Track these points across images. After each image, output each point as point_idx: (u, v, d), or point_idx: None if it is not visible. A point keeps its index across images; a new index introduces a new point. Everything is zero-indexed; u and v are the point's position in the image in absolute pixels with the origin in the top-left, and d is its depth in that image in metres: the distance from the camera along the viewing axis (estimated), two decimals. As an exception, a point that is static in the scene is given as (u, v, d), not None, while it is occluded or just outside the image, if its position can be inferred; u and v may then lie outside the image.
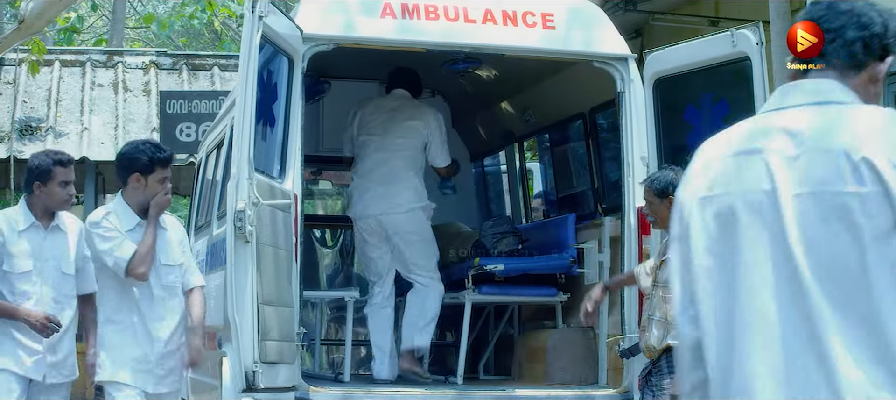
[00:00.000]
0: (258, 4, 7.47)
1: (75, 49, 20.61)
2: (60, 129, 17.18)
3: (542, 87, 10.60)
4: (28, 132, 16.98)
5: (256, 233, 7.49)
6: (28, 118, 17.29)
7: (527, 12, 9.00)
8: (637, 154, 8.84)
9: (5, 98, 17.56)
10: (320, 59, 9.03)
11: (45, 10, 14.06)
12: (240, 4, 23.89)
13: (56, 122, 17.29)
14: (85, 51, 19.93)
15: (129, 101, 18.13)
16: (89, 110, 17.70)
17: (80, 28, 25.67)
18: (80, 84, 18.33)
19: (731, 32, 8.36)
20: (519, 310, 10.66)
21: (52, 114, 17.46)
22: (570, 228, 9.97)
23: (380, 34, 8.83)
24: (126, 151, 7.43)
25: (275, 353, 7.69)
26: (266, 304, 7.61)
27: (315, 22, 8.62)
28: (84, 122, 17.34)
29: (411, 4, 8.83)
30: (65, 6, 14.43)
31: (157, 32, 27.97)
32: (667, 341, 7.67)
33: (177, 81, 18.52)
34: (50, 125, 17.18)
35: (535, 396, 9.18)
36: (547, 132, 11.56)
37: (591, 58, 9.11)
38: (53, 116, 17.41)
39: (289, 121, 8.26)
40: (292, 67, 8.31)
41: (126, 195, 7.31)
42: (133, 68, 18.85)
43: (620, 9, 15.99)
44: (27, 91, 17.86)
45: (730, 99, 8.60)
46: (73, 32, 24.55)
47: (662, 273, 7.83)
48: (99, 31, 29.93)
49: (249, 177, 7.44)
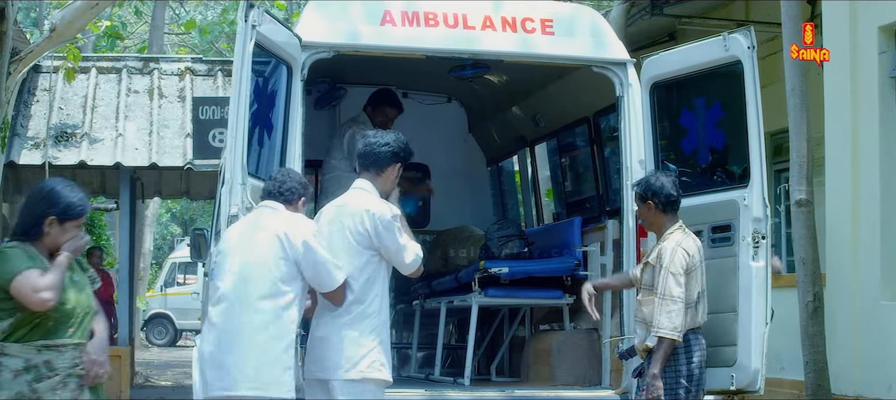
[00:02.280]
0: (251, 13, 7.59)
1: (112, 56, 20.90)
2: (95, 135, 17.45)
3: (548, 92, 10.69)
4: (63, 138, 17.25)
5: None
6: (63, 124, 17.55)
7: (526, 18, 9.09)
8: (635, 157, 8.92)
9: (41, 105, 17.84)
10: (336, 64, 9.16)
11: (76, 17, 14.31)
12: (280, 10, 24.13)
13: (91, 129, 17.56)
14: (121, 57, 20.22)
15: (163, 107, 18.37)
16: (124, 116, 17.96)
17: (124, 34, 25.98)
18: (115, 90, 18.60)
19: (723, 36, 8.42)
20: (531, 312, 10.74)
21: (88, 120, 17.73)
22: (576, 230, 10.05)
23: (380, 41, 8.95)
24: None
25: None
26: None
27: (316, 30, 8.75)
28: (119, 129, 17.59)
29: (411, 11, 8.95)
30: (94, 14, 14.63)
31: (199, 39, 28.23)
32: (646, 342, 7.77)
33: (212, 87, 18.75)
34: (85, 131, 17.44)
35: (533, 396, 9.28)
36: (555, 136, 11.65)
37: (589, 63, 9.19)
38: (89, 122, 17.67)
39: (288, 127, 8.37)
40: (291, 75, 8.43)
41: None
42: (169, 74, 19.10)
43: (647, 13, 16.09)
44: (63, 97, 18.15)
45: (723, 103, 8.66)
46: (116, 38, 24.84)
47: (645, 276, 7.93)
48: (143, 38, 30.27)
49: (243, 182, 7.58)
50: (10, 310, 6.26)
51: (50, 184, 6.57)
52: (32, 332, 6.29)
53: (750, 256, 8.21)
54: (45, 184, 6.61)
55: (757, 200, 8.24)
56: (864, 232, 11.60)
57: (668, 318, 7.62)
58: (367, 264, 6.99)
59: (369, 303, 6.98)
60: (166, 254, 44.26)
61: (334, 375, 6.90)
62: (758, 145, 8.23)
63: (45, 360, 6.29)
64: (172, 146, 17.51)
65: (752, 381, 8.18)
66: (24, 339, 6.28)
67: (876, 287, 11.43)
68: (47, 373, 6.29)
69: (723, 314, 8.15)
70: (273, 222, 6.90)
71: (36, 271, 6.25)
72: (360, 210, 7.01)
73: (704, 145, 8.93)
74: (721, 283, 8.16)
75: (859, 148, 11.69)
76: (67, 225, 6.42)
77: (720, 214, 8.44)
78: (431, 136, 11.58)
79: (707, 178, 8.95)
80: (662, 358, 7.63)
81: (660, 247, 7.83)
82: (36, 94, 18.22)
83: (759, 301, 8.17)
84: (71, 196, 6.47)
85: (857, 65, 11.73)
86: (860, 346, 11.54)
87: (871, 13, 11.62)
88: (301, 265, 6.78)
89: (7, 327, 6.26)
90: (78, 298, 6.45)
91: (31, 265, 6.26)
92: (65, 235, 6.41)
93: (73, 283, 6.46)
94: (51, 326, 6.31)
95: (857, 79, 11.74)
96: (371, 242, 6.98)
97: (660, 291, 7.68)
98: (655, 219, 7.93)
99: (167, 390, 19.29)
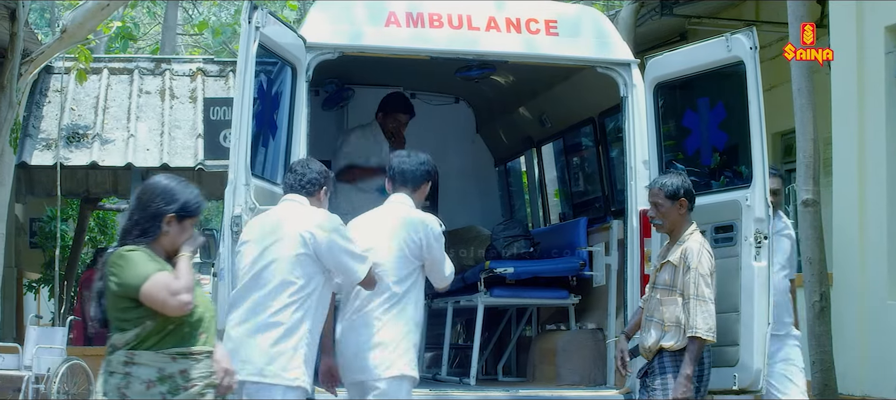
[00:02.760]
0: (254, 15, 7.65)
1: (124, 57, 20.98)
2: (107, 136, 17.52)
3: (553, 92, 10.73)
4: (75, 139, 17.32)
5: (254, 237, 7.63)
6: (75, 125, 17.62)
7: (530, 19, 9.13)
8: (639, 158, 8.95)
9: (53, 105, 17.92)
10: (343, 65, 9.20)
11: (87, 19, 14.40)
12: (293, 10, 24.19)
13: (103, 129, 17.63)
14: (133, 58, 20.30)
15: (175, 108, 18.43)
16: (136, 117, 18.03)
17: (137, 35, 26.04)
18: (127, 91, 18.66)
19: (726, 37, 8.44)
20: (538, 312, 10.77)
21: (99, 121, 17.80)
22: (582, 231, 10.07)
23: (385, 42, 9.00)
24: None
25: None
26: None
27: (321, 31, 8.81)
28: (130, 129, 17.66)
29: (416, 13, 9.00)
30: (105, 15, 14.72)
31: (213, 39, 28.32)
32: (661, 343, 7.79)
33: (223, 88, 18.79)
34: (96, 132, 17.52)
35: (537, 396, 9.31)
36: (561, 137, 11.68)
37: (593, 64, 9.22)
38: (100, 123, 17.74)
39: (292, 128, 8.42)
40: (296, 76, 8.48)
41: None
42: (180, 75, 19.16)
43: (657, 13, 16.07)
44: (75, 98, 18.23)
45: (726, 103, 8.67)
46: (130, 39, 24.90)
47: (661, 276, 7.95)
48: (157, 39, 30.36)
49: (246, 183, 7.63)
50: (137, 319, 5.85)
51: (161, 181, 6.13)
52: (165, 339, 5.84)
53: (752, 256, 8.23)
54: (155, 181, 6.14)
55: (759, 200, 8.26)
56: (871, 232, 11.59)
57: (704, 319, 7.67)
58: (411, 273, 7.41)
59: (409, 308, 7.36)
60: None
61: (373, 374, 7.23)
62: (760, 146, 8.25)
63: (180, 369, 5.85)
64: (183, 147, 17.58)
65: (754, 380, 8.21)
66: (156, 346, 5.83)
67: (883, 287, 11.42)
68: (183, 383, 5.85)
69: (725, 314, 8.15)
70: (296, 217, 7.08)
71: (167, 273, 5.87)
72: (415, 221, 7.44)
73: (708, 146, 8.95)
74: (723, 283, 8.17)
75: (866, 148, 11.69)
76: (186, 223, 6.07)
77: (723, 215, 8.46)
78: (439, 137, 11.62)
79: (710, 178, 8.97)
80: (695, 359, 7.67)
81: (683, 247, 7.82)
82: (48, 95, 18.30)
83: (761, 301, 8.19)
84: (187, 193, 6.10)
85: (864, 65, 11.73)
86: (867, 345, 11.53)
87: (878, 13, 11.61)
88: (324, 259, 6.97)
89: (132, 338, 5.83)
90: (204, 302, 6.08)
91: (159, 268, 5.87)
92: (183, 233, 6.06)
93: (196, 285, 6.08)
94: (187, 331, 5.91)
95: (863, 79, 11.73)
96: (421, 253, 7.40)
97: (692, 292, 7.71)
98: (680, 219, 7.92)
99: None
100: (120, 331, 5.86)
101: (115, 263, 5.89)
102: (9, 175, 14.16)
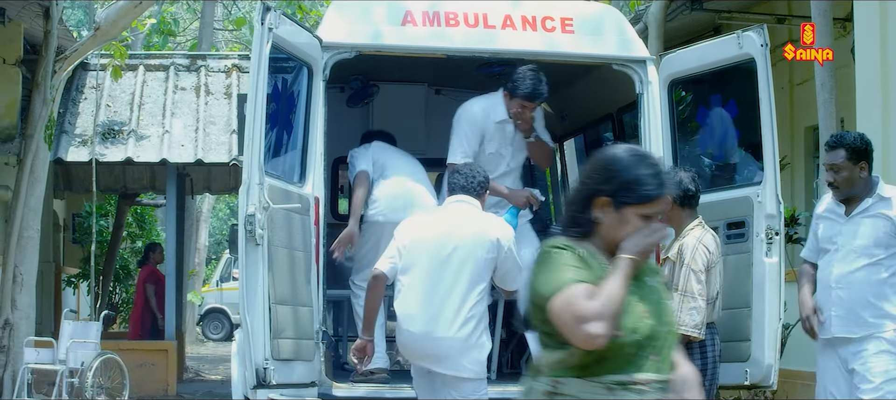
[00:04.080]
0: (267, 16, 7.74)
1: (160, 53, 21.17)
2: (142, 132, 17.71)
3: (573, 89, 10.75)
4: (110, 135, 17.52)
5: (269, 236, 7.75)
6: (111, 122, 17.83)
7: (546, 17, 9.17)
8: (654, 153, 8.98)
9: (89, 102, 18.13)
10: (367, 62, 9.27)
11: (120, 16, 14.57)
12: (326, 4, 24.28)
13: (138, 126, 17.82)
14: (169, 55, 20.49)
15: (210, 104, 18.61)
16: (171, 113, 18.22)
17: (177, 31, 26.25)
18: (163, 88, 18.87)
19: (737, 34, 8.48)
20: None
21: (135, 117, 17.99)
22: (600, 227, 10.08)
23: (402, 41, 9.06)
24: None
25: (290, 350, 7.98)
26: (280, 303, 7.89)
27: (337, 31, 8.88)
28: (165, 126, 17.84)
29: (432, 12, 9.05)
30: (138, 13, 14.88)
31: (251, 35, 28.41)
32: None
33: (258, 84, 18.88)
34: (132, 128, 17.71)
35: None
36: (581, 133, 11.71)
37: (609, 61, 9.25)
38: (136, 120, 17.94)
39: (308, 127, 8.52)
40: (312, 76, 8.57)
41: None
42: (215, 72, 19.34)
43: (687, 8, 16.05)
44: (111, 95, 18.44)
45: (738, 100, 8.71)
46: (169, 35, 25.10)
47: (665, 272, 7.99)
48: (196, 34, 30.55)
49: (260, 182, 7.71)
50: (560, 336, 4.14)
51: (612, 151, 4.32)
52: (602, 364, 4.11)
53: (763, 252, 8.28)
54: (607, 150, 4.34)
55: (770, 196, 8.30)
56: (895, 227, 11.55)
57: (689, 315, 7.71)
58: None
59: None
60: (224, 249, 44.47)
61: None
62: (771, 142, 8.29)
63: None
64: (218, 142, 17.75)
65: (765, 375, 8.26)
66: (588, 373, 4.13)
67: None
68: None
69: (737, 310, 8.21)
70: (482, 220, 7.76)
71: (583, 288, 4.06)
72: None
73: (720, 142, 8.99)
74: (735, 278, 8.22)
75: (890, 141, 11.64)
76: (627, 212, 4.18)
77: (734, 211, 8.51)
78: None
79: (722, 174, 9.01)
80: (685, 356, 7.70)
81: (680, 243, 7.89)
82: (84, 92, 18.53)
83: (772, 297, 8.24)
84: (638, 169, 4.20)
85: (887, 59, 11.69)
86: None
87: (902, 8, 11.57)
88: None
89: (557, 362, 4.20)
90: (658, 314, 4.22)
91: (577, 278, 4.10)
92: (624, 226, 4.19)
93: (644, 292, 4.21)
94: (630, 353, 4.12)
95: (887, 75, 11.68)
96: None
97: (681, 288, 7.76)
98: (673, 213, 7.96)
99: (216, 384, 19.45)
100: (544, 346, 4.31)
101: (537, 260, 4.35)
102: (44, 171, 14.34)
